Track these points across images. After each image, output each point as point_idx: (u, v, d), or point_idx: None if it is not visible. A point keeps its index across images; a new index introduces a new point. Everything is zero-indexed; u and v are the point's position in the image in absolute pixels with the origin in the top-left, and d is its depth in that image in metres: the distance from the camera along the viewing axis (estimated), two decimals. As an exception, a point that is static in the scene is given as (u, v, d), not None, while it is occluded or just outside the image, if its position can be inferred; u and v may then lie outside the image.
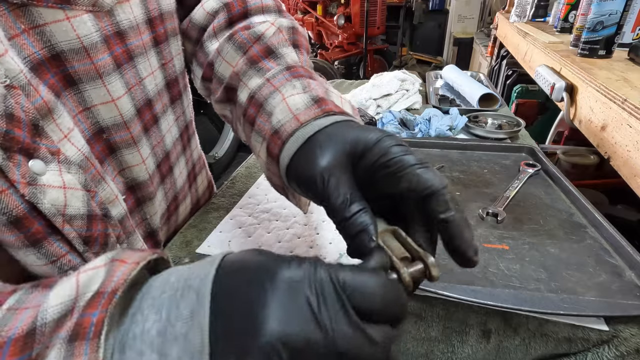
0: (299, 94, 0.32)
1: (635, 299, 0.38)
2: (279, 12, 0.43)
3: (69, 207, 0.27)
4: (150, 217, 0.41)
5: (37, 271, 0.27)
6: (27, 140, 0.25)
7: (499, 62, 1.98)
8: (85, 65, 0.29)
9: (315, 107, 0.30)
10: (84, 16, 0.28)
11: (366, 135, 0.27)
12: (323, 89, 0.33)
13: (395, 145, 0.25)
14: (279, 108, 0.32)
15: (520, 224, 0.51)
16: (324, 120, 0.29)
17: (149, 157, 0.39)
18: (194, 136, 0.53)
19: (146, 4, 0.35)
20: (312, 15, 3.88)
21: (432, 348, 0.42)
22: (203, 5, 0.42)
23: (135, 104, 0.35)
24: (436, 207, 0.24)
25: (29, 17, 0.26)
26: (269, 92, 0.34)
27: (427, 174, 0.24)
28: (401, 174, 0.24)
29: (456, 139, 0.79)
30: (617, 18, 0.85)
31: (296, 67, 0.36)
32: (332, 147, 0.27)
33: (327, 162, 0.27)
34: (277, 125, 0.31)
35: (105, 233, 0.31)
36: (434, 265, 0.23)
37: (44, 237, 0.26)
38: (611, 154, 0.68)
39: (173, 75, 0.42)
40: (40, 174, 0.26)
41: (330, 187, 0.26)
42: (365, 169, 0.26)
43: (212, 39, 0.41)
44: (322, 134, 0.29)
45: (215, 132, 2.37)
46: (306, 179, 0.28)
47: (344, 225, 0.25)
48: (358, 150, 0.26)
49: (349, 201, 0.25)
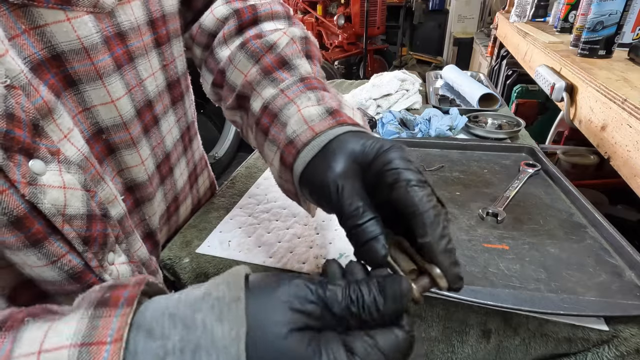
0: (313, 106, 0.33)
1: (635, 299, 0.38)
2: (288, 19, 0.44)
3: (69, 207, 0.27)
4: (149, 218, 0.41)
5: (36, 273, 0.27)
6: (28, 140, 0.25)
7: (499, 62, 1.98)
8: (85, 65, 0.29)
9: (330, 118, 0.31)
10: (84, 17, 0.28)
11: (376, 144, 0.28)
12: (337, 101, 0.34)
13: (399, 159, 0.26)
14: (294, 119, 0.32)
15: (520, 224, 0.51)
16: (337, 129, 0.30)
17: (148, 158, 0.39)
18: (195, 137, 0.53)
19: (148, 5, 0.35)
20: (312, 15, 3.88)
21: (432, 348, 0.42)
22: (213, 12, 0.43)
23: (135, 105, 0.35)
24: (415, 229, 0.24)
25: (29, 18, 0.26)
26: (284, 103, 0.34)
27: (417, 193, 0.24)
28: (395, 186, 0.25)
29: (456, 139, 0.79)
30: (617, 18, 0.85)
31: (310, 78, 0.36)
32: (344, 155, 0.28)
33: (340, 170, 0.28)
34: (293, 135, 0.32)
35: (104, 233, 0.31)
36: (439, 276, 0.23)
37: (44, 237, 0.26)
38: (611, 154, 0.68)
39: (175, 76, 0.42)
40: (40, 174, 0.26)
41: (344, 195, 0.26)
42: (371, 176, 0.27)
43: (222, 46, 0.41)
44: (335, 142, 0.30)
45: (215, 132, 2.37)
46: (319, 187, 0.28)
47: (355, 232, 0.26)
48: (368, 159, 0.27)
49: (361, 209, 0.26)
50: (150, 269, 0.38)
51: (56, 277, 0.28)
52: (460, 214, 0.53)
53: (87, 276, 0.29)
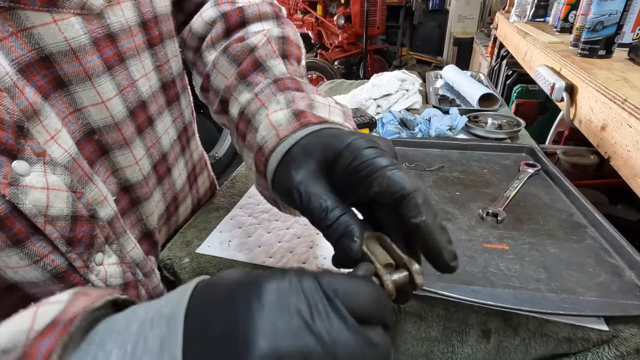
0: (282, 110, 0.32)
1: (635, 299, 0.38)
2: (277, 19, 0.43)
3: (51, 208, 0.27)
4: (146, 218, 0.41)
5: (19, 275, 0.27)
6: (11, 142, 0.25)
7: (499, 62, 1.98)
8: (74, 67, 0.29)
9: (294, 121, 0.30)
10: (71, 19, 0.28)
11: (337, 140, 0.26)
12: (308, 100, 0.32)
13: (367, 148, 0.25)
14: (262, 125, 0.32)
15: (520, 224, 0.51)
16: (299, 132, 0.29)
17: (143, 158, 0.39)
18: (193, 137, 0.53)
19: (139, 6, 0.35)
20: (312, 15, 3.88)
21: (432, 348, 0.42)
22: (202, 15, 0.42)
23: (128, 105, 0.35)
24: (407, 212, 0.23)
25: (16, 20, 0.26)
26: (256, 108, 0.34)
27: (397, 176, 0.23)
28: (372, 177, 0.24)
29: (456, 139, 0.79)
30: (617, 18, 0.85)
31: (283, 79, 0.36)
32: (305, 159, 0.27)
33: (301, 176, 0.27)
34: (262, 142, 0.31)
35: (91, 234, 0.30)
36: (417, 272, 0.22)
37: (26, 237, 0.26)
38: (611, 154, 0.68)
39: (169, 77, 0.42)
40: (24, 174, 0.26)
41: (307, 200, 0.25)
42: (340, 174, 0.26)
43: (210, 49, 0.41)
44: (297, 146, 0.29)
45: (215, 132, 2.37)
46: (287, 194, 0.28)
47: (328, 233, 0.25)
48: (330, 157, 0.26)
49: (328, 209, 0.25)
50: (145, 270, 0.38)
51: (39, 278, 0.28)
52: (460, 214, 0.53)
53: (71, 276, 0.30)
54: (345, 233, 0.24)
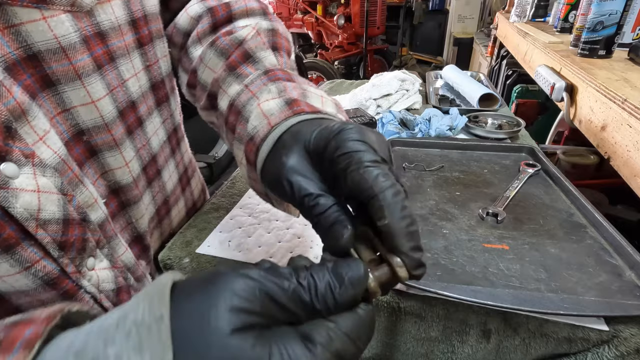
0: (273, 99, 0.31)
1: (635, 299, 0.38)
2: (264, 15, 0.42)
3: (43, 212, 0.26)
4: (136, 221, 0.40)
5: (9, 284, 0.26)
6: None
7: (499, 62, 1.98)
8: (63, 65, 0.28)
9: (287, 109, 0.30)
10: (61, 16, 0.27)
11: (327, 128, 0.25)
12: (300, 90, 0.32)
13: (353, 140, 0.23)
14: (254, 114, 0.31)
15: (520, 224, 0.51)
16: (291, 120, 0.29)
17: (133, 160, 0.38)
18: (183, 139, 0.52)
19: (129, 5, 0.35)
20: (312, 15, 3.88)
21: (432, 348, 0.42)
22: (187, 10, 0.42)
23: (118, 105, 0.34)
24: (372, 213, 0.22)
25: (3, 17, 0.25)
26: (247, 99, 0.33)
27: (370, 175, 0.22)
28: (347, 171, 0.23)
29: (456, 139, 0.79)
30: (617, 18, 0.85)
31: (274, 70, 0.35)
32: (295, 146, 0.27)
33: (292, 163, 0.26)
34: (253, 131, 0.30)
35: (83, 238, 0.30)
36: (399, 265, 0.21)
37: (17, 242, 0.25)
38: (611, 154, 0.68)
39: (159, 77, 0.41)
40: (13, 177, 0.25)
41: (297, 188, 0.25)
42: (327, 163, 0.25)
43: (196, 45, 0.41)
44: (287, 133, 0.28)
45: (214, 132, 2.35)
46: (276, 184, 0.27)
47: (317, 223, 0.24)
48: (320, 145, 0.25)
49: (320, 198, 0.24)
50: (136, 275, 0.37)
51: (30, 285, 0.27)
52: (460, 214, 0.53)
53: (63, 282, 0.29)
54: (337, 221, 0.23)
